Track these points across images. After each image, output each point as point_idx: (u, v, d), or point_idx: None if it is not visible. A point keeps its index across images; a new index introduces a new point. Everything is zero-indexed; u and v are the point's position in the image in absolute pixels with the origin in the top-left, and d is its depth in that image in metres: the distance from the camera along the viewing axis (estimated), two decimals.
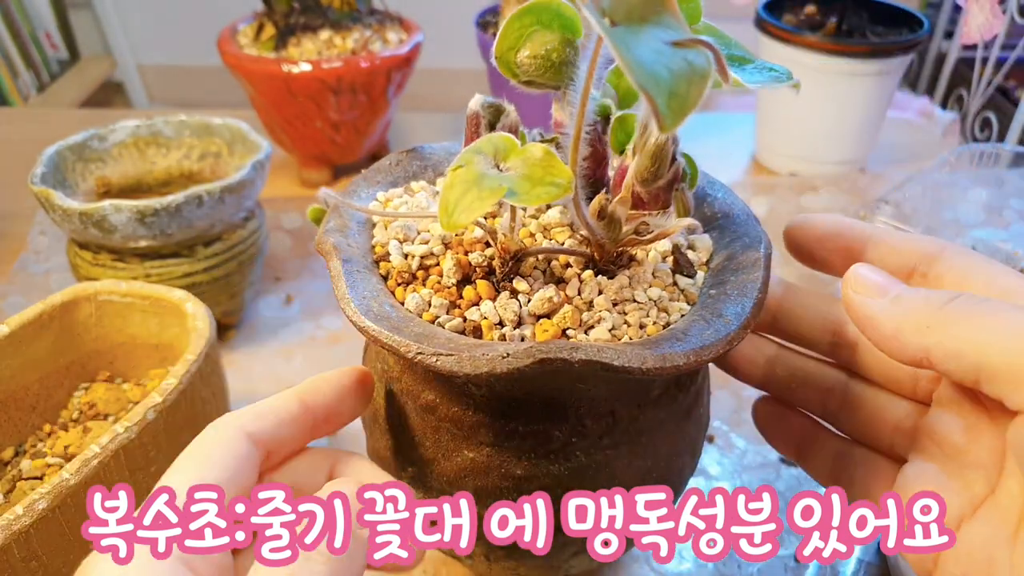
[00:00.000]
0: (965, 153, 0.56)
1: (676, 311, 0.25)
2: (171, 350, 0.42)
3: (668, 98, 0.17)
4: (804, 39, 0.67)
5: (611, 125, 0.25)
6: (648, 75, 0.17)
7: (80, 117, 0.96)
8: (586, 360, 0.20)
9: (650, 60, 0.17)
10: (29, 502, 0.29)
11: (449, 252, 0.26)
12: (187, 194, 0.44)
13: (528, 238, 0.27)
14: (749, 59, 0.24)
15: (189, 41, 2.06)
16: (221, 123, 0.54)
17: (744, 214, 0.29)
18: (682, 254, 0.27)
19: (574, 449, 0.25)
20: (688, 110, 0.17)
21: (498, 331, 0.24)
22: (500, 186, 0.21)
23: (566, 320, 0.24)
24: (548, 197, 0.21)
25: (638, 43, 0.17)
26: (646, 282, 0.25)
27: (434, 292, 0.25)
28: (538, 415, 0.25)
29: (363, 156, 0.72)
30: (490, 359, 0.21)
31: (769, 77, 0.23)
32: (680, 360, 0.21)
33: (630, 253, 0.27)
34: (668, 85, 0.17)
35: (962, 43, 0.60)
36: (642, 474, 0.27)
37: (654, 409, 0.26)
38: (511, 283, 0.25)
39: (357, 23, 0.67)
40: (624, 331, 0.24)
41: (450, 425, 0.26)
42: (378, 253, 0.27)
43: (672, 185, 0.24)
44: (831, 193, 0.71)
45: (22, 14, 1.80)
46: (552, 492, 0.24)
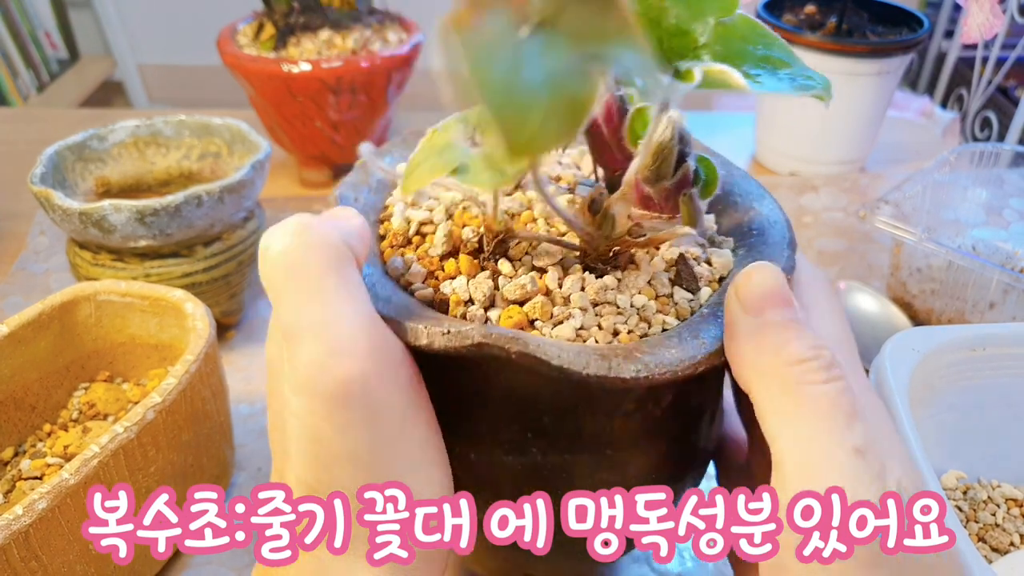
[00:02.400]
0: (965, 153, 0.56)
1: (659, 323, 0.23)
2: (171, 350, 0.42)
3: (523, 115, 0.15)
4: (804, 39, 0.67)
5: (628, 116, 0.24)
6: (502, 91, 0.15)
7: (80, 117, 0.96)
8: (523, 353, 0.20)
9: (510, 74, 0.15)
10: (29, 502, 0.29)
11: (444, 223, 0.26)
12: (187, 194, 0.44)
13: (532, 222, 0.26)
14: (787, 63, 0.22)
15: (189, 41, 2.06)
16: (221, 123, 0.54)
17: (781, 236, 0.26)
18: (687, 266, 0.25)
19: (530, 445, 0.24)
20: (541, 138, 0.15)
21: (465, 308, 0.23)
22: (453, 161, 0.21)
23: (535, 311, 0.23)
24: (492, 183, 0.21)
25: (537, 55, 0.16)
26: (635, 288, 0.24)
27: (417, 259, 0.25)
28: (496, 401, 0.24)
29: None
30: (431, 333, 0.21)
31: (793, 86, 0.21)
32: (627, 374, 0.20)
33: (630, 255, 0.25)
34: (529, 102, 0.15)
35: (962, 43, 0.60)
36: (607, 487, 0.25)
37: (625, 423, 0.24)
38: (495, 264, 0.24)
39: (357, 23, 0.67)
40: (592, 333, 0.23)
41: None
42: (384, 214, 0.28)
43: (680, 189, 0.22)
44: (831, 193, 0.71)
45: (22, 14, 1.80)
46: (508, 486, 0.24)
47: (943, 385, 0.38)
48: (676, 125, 0.21)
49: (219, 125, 0.54)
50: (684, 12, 0.22)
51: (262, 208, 0.54)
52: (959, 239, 0.54)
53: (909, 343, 0.36)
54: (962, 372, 0.38)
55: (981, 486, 0.39)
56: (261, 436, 0.46)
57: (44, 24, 1.92)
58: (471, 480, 0.25)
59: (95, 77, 1.99)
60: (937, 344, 0.36)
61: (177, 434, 0.35)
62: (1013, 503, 0.39)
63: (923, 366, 0.35)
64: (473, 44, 0.15)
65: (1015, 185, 0.56)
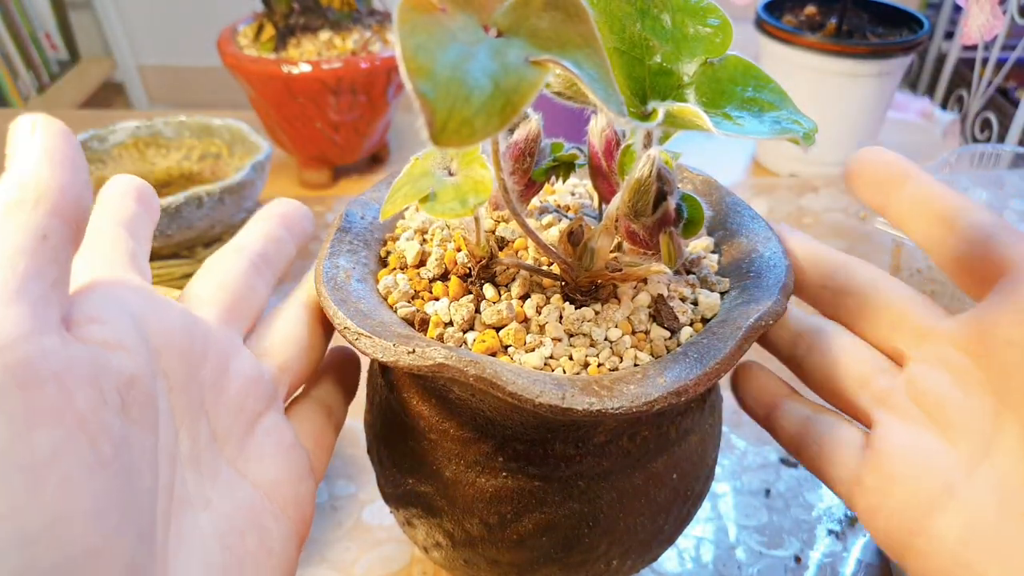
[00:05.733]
0: (965, 154, 0.56)
1: (631, 359, 0.23)
2: None
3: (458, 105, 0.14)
4: (804, 40, 0.67)
5: (619, 151, 0.24)
6: (445, 78, 0.14)
7: (80, 118, 0.96)
8: (479, 377, 0.20)
9: (458, 64, 0.15)
10: None
11: (440, 246, 0.26)
12: (187, 195, 0.44)
13: (523, 249, 0.27)
14: (775, 105, 0.22)
15: (189, 42, 2.07)
16: (221, 124, 0.54)
17: (776, 280, 0.25)
18: (666, 304, 0.25)
19: (500, 469, 0.25)
20: (481, 124, 0.14)
21: (444, 330, 0.24)
22: (426, 189, 0.22)
23: (510, 337, 0.23)
24: (450, 214, 0.22)
25: (489, 53, 0.15)
26: (612, 321, 0.24)
27: (408, 279, 0.25)
28: (469, 422, 0.25)
29: (363, 157, 0.72)
30: (398, 351, 0.21)
31: (774, 129, 0.21)
32: (579, 406, 0.20)
33: (614, 289, 0.25)
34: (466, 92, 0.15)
35: (962, 43, 0.60)
36: (578, 518, 0.25)
37: (596, 456, 0.24)
38: (481, 288, 0.25)
39: (357, 24, 0.67)
40: (562, 363, 0.23)
41: (401, 413, 0.27)
42: (390, 235, 0.28)
43: (660, 226, 0.22)
44: (831, 194, 0.71)
45: (22, 14, 1.80)
46: (479, 505, 0.24)
47: None
48: (655, 163, 0.21)
49: (219, 126, 0.54)
50: (671, 51, 0.22)
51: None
52: None
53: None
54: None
55: None
56: None
57: (44, 25, 1.92)
58: (444, 497, 0.26)
59: (95, 78, 1.99)
60: None
61: None
62: None
63: None
64: (425, 27, 0.15)
65: (1015, 186, 0.56)
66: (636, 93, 0.22)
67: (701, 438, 0.27)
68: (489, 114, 0.15)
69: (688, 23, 0.23)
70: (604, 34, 0.22)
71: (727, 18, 0.22)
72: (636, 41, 0.22)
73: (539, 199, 0.29)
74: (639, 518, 0.26)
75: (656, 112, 0.20)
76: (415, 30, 0.15)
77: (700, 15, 0.23)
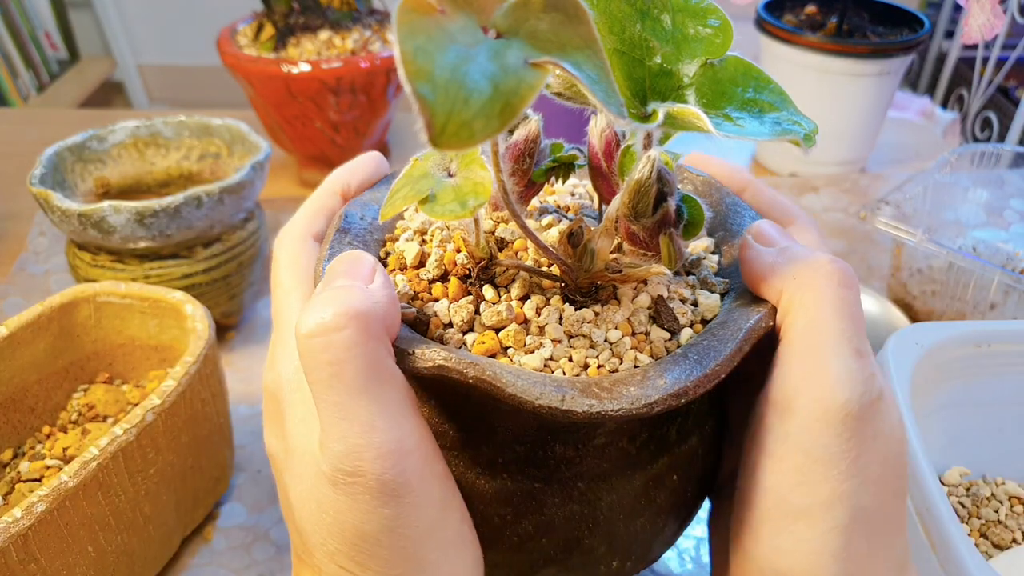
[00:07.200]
0: (966, 153, 0.56)
1: (631, 360, 0.23)
2: (170, 351, 0.42)
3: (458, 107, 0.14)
4: (804, 39, 0.67)
5: (619, 152, 0.24)
6: (445, 79, 0.14)
7: (80, 117, 0.96)
8: (479, 379, 0.20)
9: (456, 65, 0.15)
10: (27, 505, 0.28)
11: (439, 247, 0.26)
12: (186, 195, 0.44)
13: (523, 250, 0.26)
14: (775, 106, 0.22)
15: (189, 41, 2.07)
16: (221, 124, 0.54)
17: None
18: (666, 306, 0.25)
19: (499, 470, 0.25)
20: (481, 126, 0.14)
21: (444, 331, 0.24)
22: (425, 190, 0.22)
23: (509, 338, 0.23)
24: (450, 215, 0.22)
25: (487, 54, 0.15)
26: (612, 323, 0.24)
27: (407, 280, 0.25)
28: (470, 424, 0.24)
29: None
30: (398, 351, 0.21)
31: (774, 131, 0.21)
32: (579, 408, 0.20)
33: (614, 290, 0.25)
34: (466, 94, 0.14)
35: (963, 43, 0.60)
36: (578, 520, 0.25)
37: (595, 458, 0.24)
38: (480, 289, 0.25)
39: (357, 23, 0.67)
40: (561, 365, 0.23)
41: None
42: (390, 236, 0.28)
43: (660, 228, 0.22)
44: (831, 193, 0.71)
45: (22, 14, 1.80)
46: (479, 506, 0.24)
47: (947, 381, 0.38)
48: (655, 164, 0.20)
49: (219, 126, 0.54)
50: (671, 52, 0.22)
51: (262, 209, 0.54)
52: (960, 240, 0.54)
53: (913, 338, 0.36)
54: (967, 368, 0.38)
55: (985, 483, 0.39)
56: (260, 437, 0.45)
57: (44, 24, 1.92)
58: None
59: (95, 78, 1.99)
60: (941, 340, 0.36)
61: (176, 436, 0.35)
62: (1016, 500, 0.39)
63: (926, 361, 0.35)
64: (424, 29, 0.15)
65: (1016, 186, 0.56)
66: (636, 94, 0.22)
67: (701, 439, 0.27)
68: (488, 116, 0.15)
69: (688, 24, 0.23)
70: (604, 35, 0.22)
71: (727, 19, 0.22)
72: (636, 42, 0.22)
73: (539, 200, 0.29)
74: (639, 520, 0.26)
75: (656, 113, 0.20)
76: (414, 32, 0.15)
77: (700, 16, 0.23)
